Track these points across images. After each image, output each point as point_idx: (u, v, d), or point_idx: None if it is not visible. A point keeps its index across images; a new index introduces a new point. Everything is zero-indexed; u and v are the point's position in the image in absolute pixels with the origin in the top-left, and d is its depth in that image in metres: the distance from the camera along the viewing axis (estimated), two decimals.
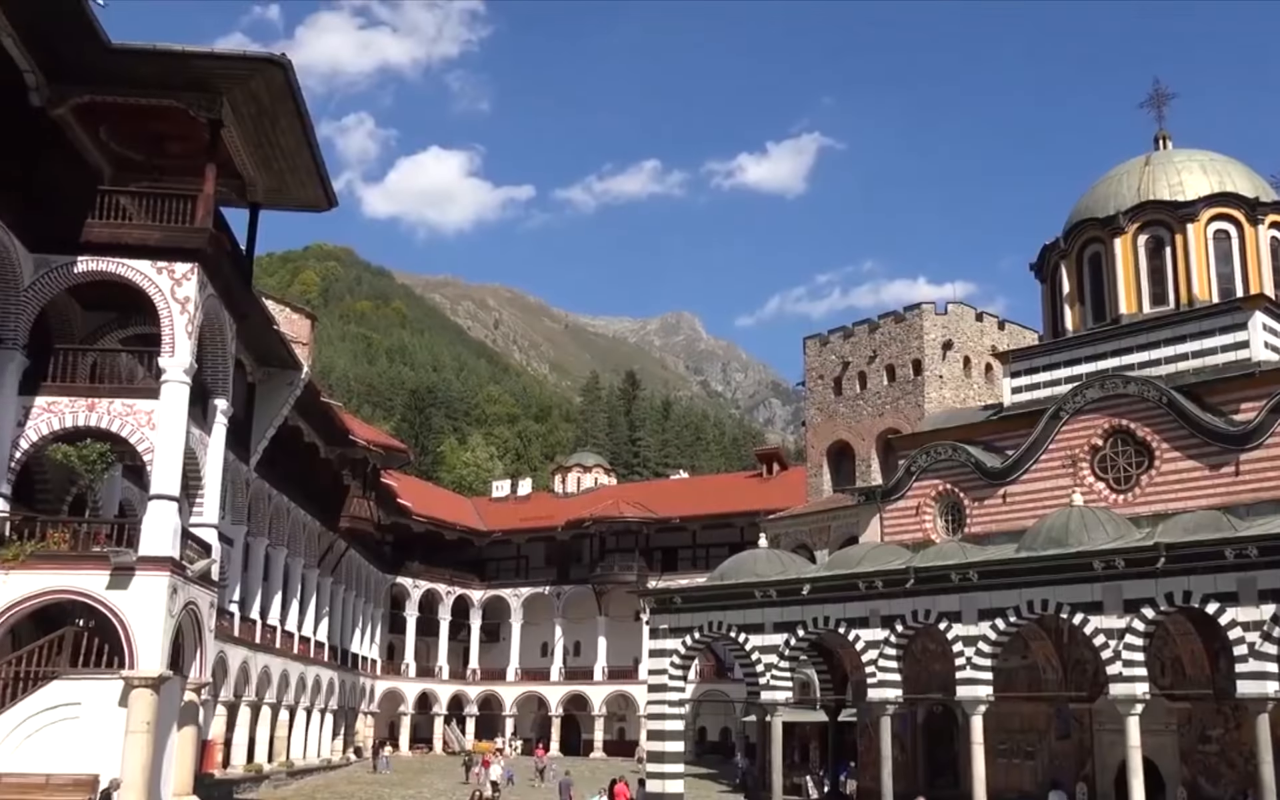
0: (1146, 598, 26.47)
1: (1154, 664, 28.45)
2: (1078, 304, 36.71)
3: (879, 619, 31.04)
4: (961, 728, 31.91)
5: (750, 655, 33.64)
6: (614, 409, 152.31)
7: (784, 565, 35.79)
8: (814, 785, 43.79)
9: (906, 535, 36.20)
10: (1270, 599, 24.62)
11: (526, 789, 46.69)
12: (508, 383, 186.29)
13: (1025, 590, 28.57)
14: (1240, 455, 29.90)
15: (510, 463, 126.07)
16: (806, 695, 43.18)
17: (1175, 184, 35.21)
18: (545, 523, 76.10)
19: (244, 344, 33.28)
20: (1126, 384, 32.41)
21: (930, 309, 55.75)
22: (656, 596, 37.81)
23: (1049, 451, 33.79)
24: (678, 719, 35.55)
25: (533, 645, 74.81)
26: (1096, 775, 31.46)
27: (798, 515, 56.34)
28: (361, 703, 62.76)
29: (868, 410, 56.49)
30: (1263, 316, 31.92)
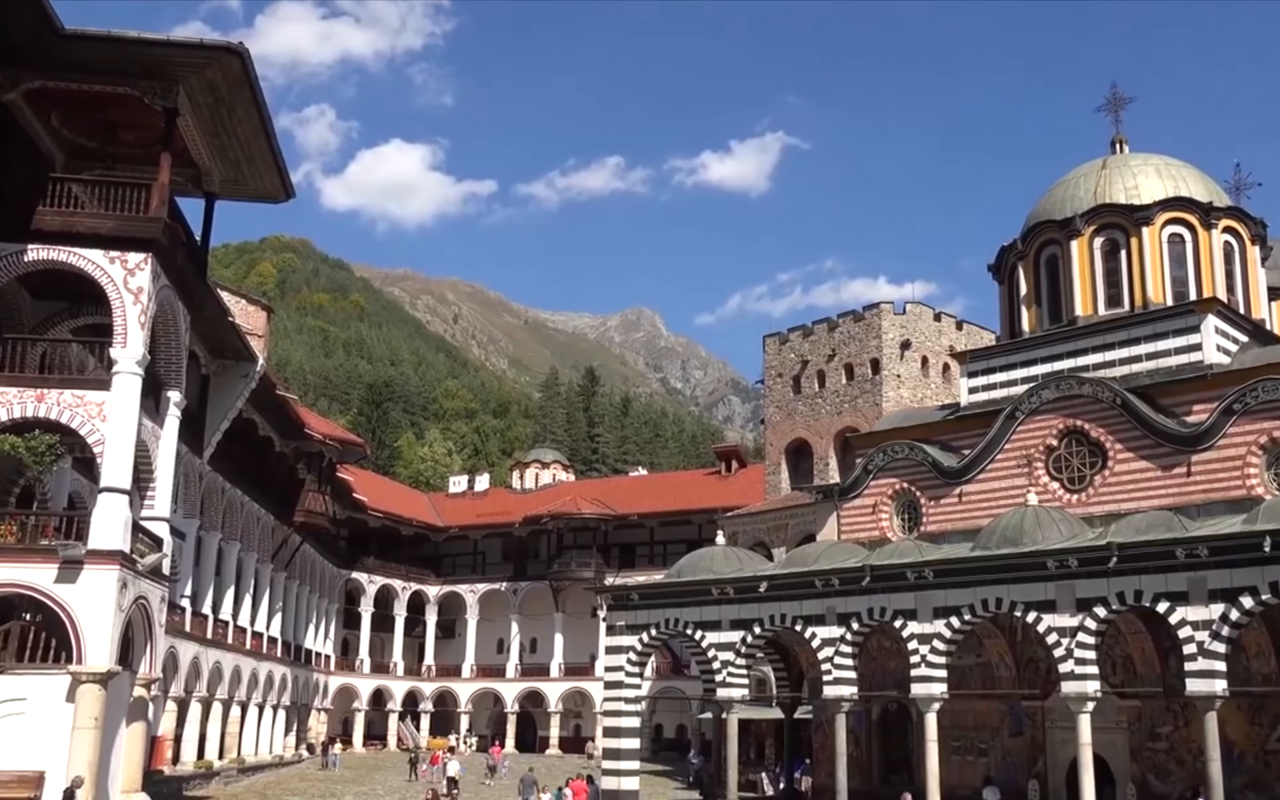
0: (1099, 597, 26.75)
1: (1105, 662, 28.78)
2: (1035, 305, 37.04)
3: (835, 616, 31.16)
4: (916, 725, 32.12)
5: (706, 652, 33.65)
6: (573, 405, 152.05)
7: (741, 563, 35.83)
8: (769, 782, 43.98)
9: (863, 533, 36.39)
10: (1220, 598, 24.96)
11: (478, 787, 46.45)
12: (466, 378, 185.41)
13: (980, 589, 28.79)
14: (1192, 456, 30.31)
15: (468, 458, 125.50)
16: (762, 692, 43.28)
17: (1131, 188, 35.62)
18: (503, 519, 75.82)
19: (198, 335, 32.83)
20: (1081, 385, 32.75)
21: (889, 309, 56.11)
22: (613, 593, 37.72)
23: (1005, 451, 34.08)
24: (634, 716, 35.48)
25: (489, 642, 74.52)
26: (1048, 772, 31.78)
27: (756, 513, 56.52)
28: (315, 699, 62.20)
29: (826, 409, 56.76)
30: (1215, 320, 32.35)
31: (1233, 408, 29.61)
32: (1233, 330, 33.04)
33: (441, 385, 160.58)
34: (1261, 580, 24.48)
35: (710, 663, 33.50)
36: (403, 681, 72.09)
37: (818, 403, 57.33)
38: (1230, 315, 33.37)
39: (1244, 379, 29.93)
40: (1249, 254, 35.89)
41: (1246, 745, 28.39)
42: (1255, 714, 28.41)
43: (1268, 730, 28.29)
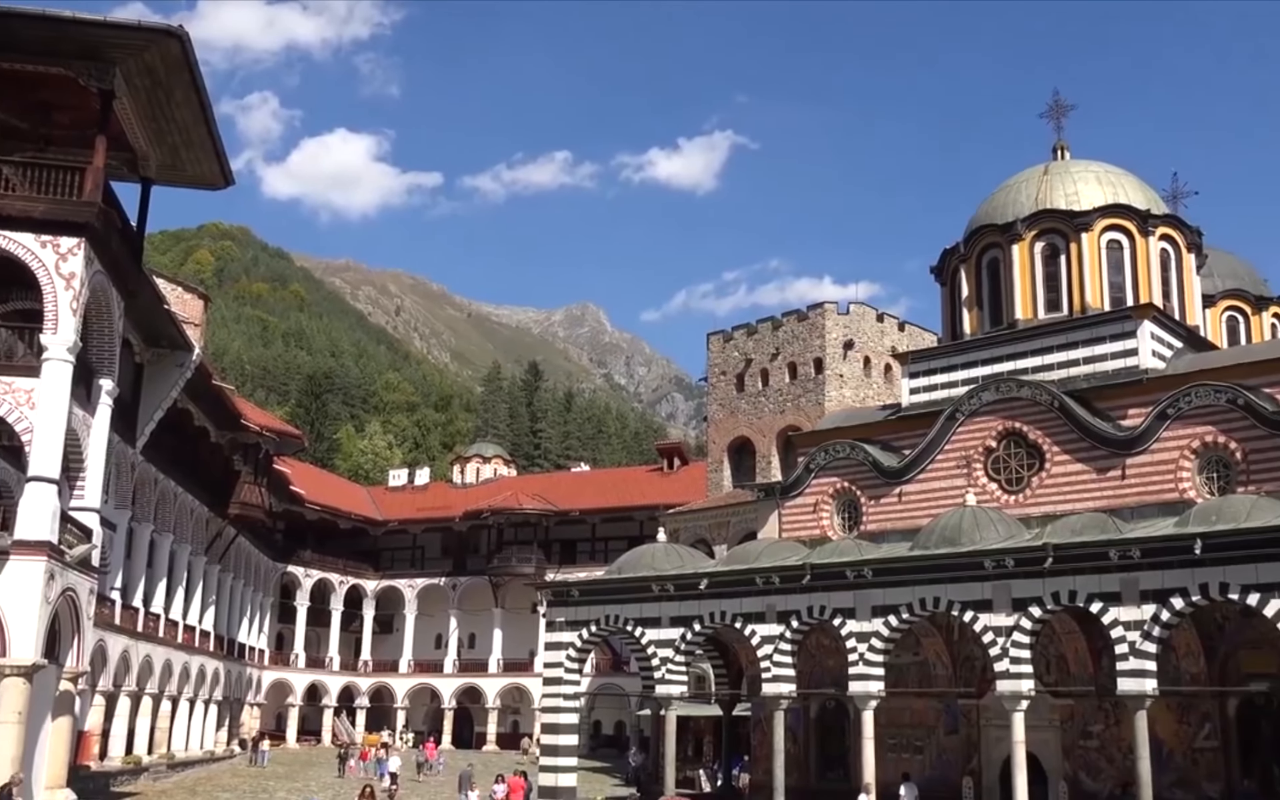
0: (1034, 596, 27.12)
1: (1040, 661, 29.19)
2: (976, 308, 37.44)
3: (775, 614, 31.30)
4: (853, 722, 32.33)
5: (646, 649, 33.67)
6: (515, 399, 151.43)
7: (682, 560, 35.86)
8: (707, 779, 44.09)
9: (804, 532, 36.56)
10: (1151, 599, 25.42)
11: (411, 784, 45.97)
12: (408, 370, 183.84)
13: (918, 588, 29.07)
14: (1126, 459, 30.80)
15: (408, 451, 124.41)
16: (702, 689, 43.40)
17: (1072, 194, 36.11)
18: (443, 513, 75.33)
19: (132, 323, 32.16)
20: (1020, 388, 33.15)
21: (833, 308, 56.47)
22: (554, 589, 37.60)
23: (944, 452, 34.41)
24: (572, 712, 35.45)
25: (427, 637, 73.96)
26: (982, 769, 32.15)
27: (697, 510, 56.63)
28: (248, 694, 61.25)
29: (769, 407, 57.00)
30: (1151, 326, 32.89)
31: (1166, 412, 30.13)
32: (1168, 336, 33.61)
33: (382, 378, 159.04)
34: (1192, 582, 24.96)
35: (650, 659, 33.53)
36: (339, 676, 71.28)
37: (761, 401, 57.56)
38: (1166, 321, 33.95)
39: (1178, 384, 30.46)
40: (1185, 261, 36.56)
41: (1175, 744, 28.94)
42: (1184, 713, 28.98)
43: (1195, 729, 28.86)
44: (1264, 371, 29.80)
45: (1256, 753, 28.31)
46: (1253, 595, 24.21)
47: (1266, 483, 28.08)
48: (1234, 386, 29.18)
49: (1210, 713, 28.75)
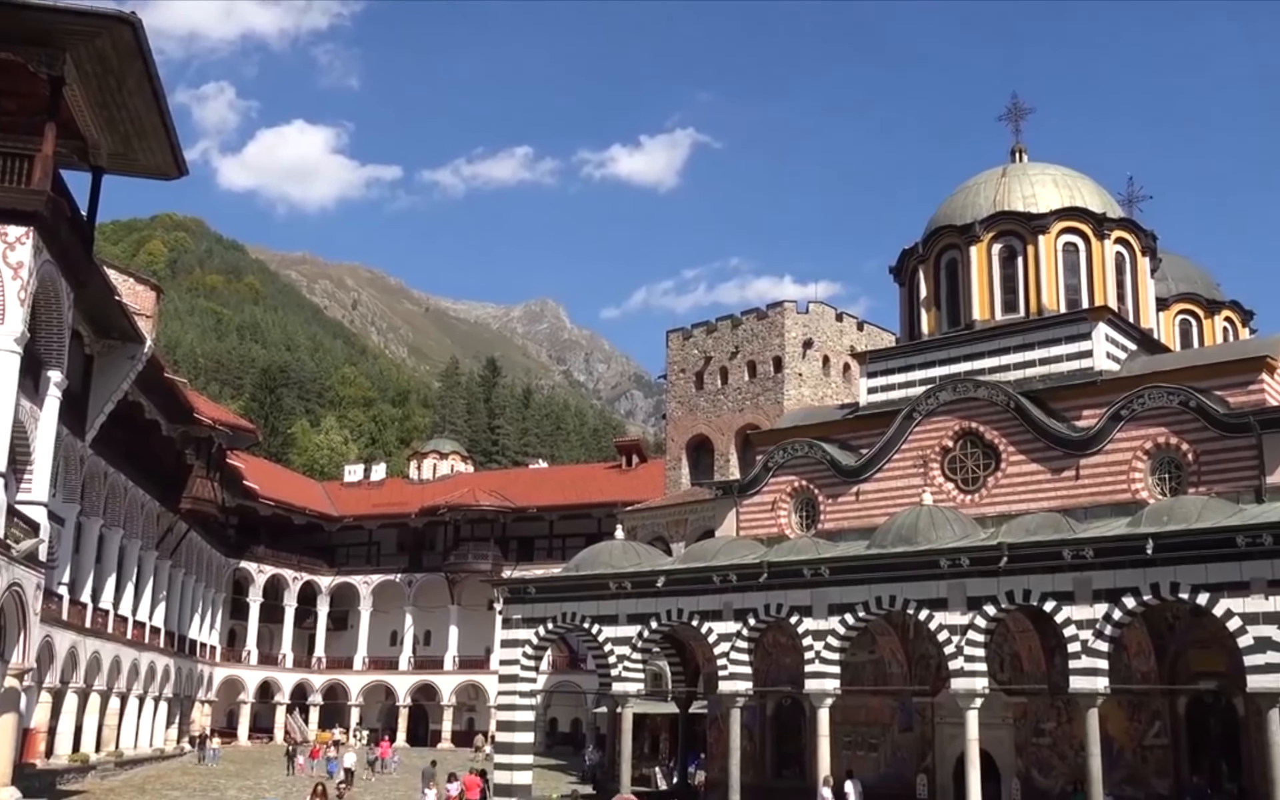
0: (989, 595, 27.33)
1: (994, 659, 29.41)
2: (934, 308, 37.63)
3: (732, 612, 31.32)
4: (809, 720, 32.42)
5: (603, 646, 33.57)
6: (473, 395, 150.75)
7: (639, 557, 35.79)
8: (663, 776, 44.10)
9: (762, 530, 36.60)
10: (1104, 598, 25.68)
11: (362, 783, 45.49)
12: (364, 365, 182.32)
13: (874, 586, 29.19)
14: (1080, 460, 31.07)
15: (364, 447, 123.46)
16: (658, 687, 43.38)
17: (1029, 196, 36.38)
18: (399, 509, 74.78)
19: (82, 314, 31.57)
20: (977, 388, 33.36)
21: (792, 307, 56.63)
22: (510, 586, 37.41)
23: (901, 451, 34.56)
24: (528, 710, 35.29)
25: (382, 634, 73.41)
26: (936, 767, 32.34)
27: (655, 507, 56.60)
28: (199, 691, 60.43)
29: (728, 405, 57.07)
30: (1105, 328, 33.19)
31: (1120, 414, 30.43)
32: (1122, 338, 33.96)
33: (338, 372, 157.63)
34: (1143, 581, 25.25)
35: (607, 657, 33.43)
36: (291, 673, 70.54)
37: (720, 399, 57.61)
38: (1120, 324, 34.30)
39: (1131, 386, 30.77)
40: (1139, 265, 36.95)
41: (1125, 741, 29.27)
42: (1134, 711, 29.32)
43: (1145, 727, 29.21)
44: (1215, 374, 30.16)
45: (1205, 750, 28.69)
46: (1202, 595, 24.53)
47: (1217, 484, 28.45)
48: (1186, 389, 29.52)
49: (1160, 711, 29.11)
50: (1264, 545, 23.92)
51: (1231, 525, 25.00)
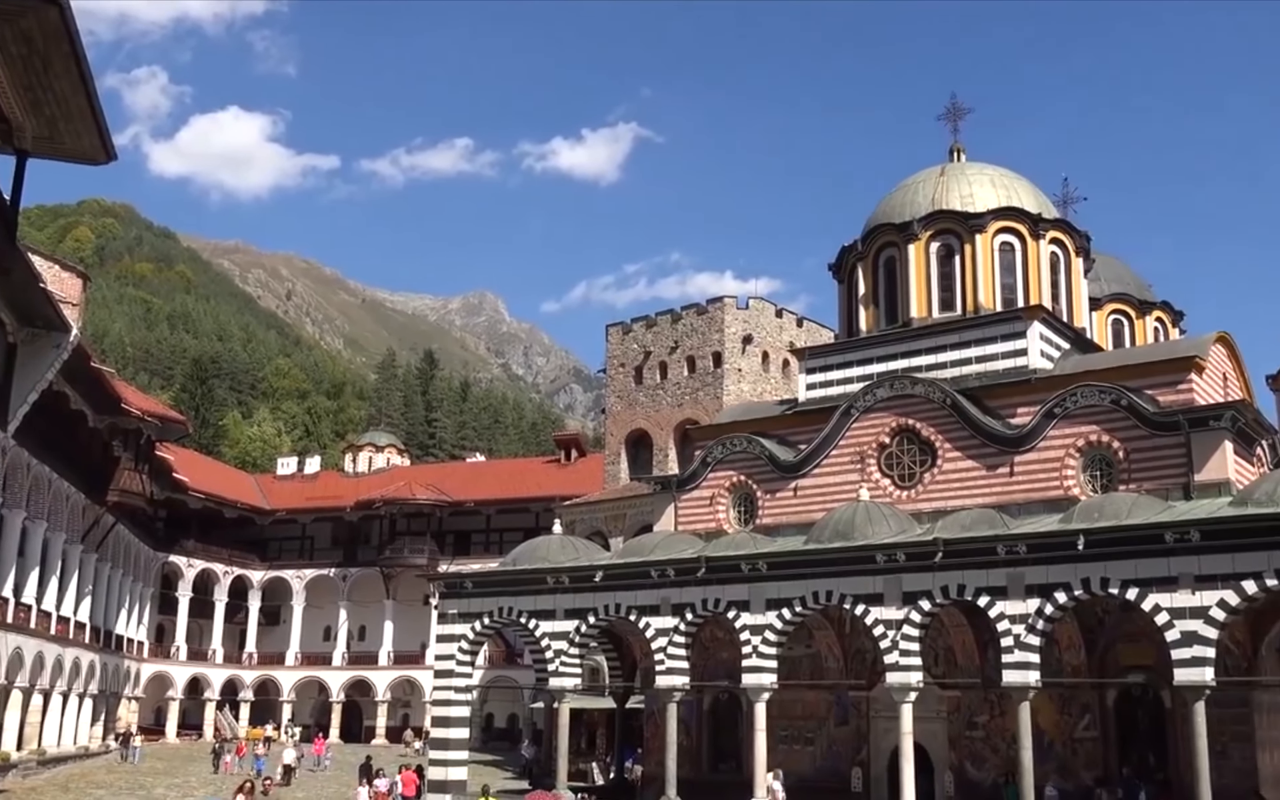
0: (924, 590, 27.52)
1: (928, 654, 29.64)
2: (872, 306, 37.85)
3: (670, 607, 31.25)
4: (746, 714, 32.48)
5: (540, 641, 33.34)
6: (410, 388, 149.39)
7: (577, 552, 35.60)
8: (600, 771, 43.98)
9: (700, 525, 36.57)
10: (1036, 593, 25.98)
11: (293, 781, 44.77)
12: (299, 356, 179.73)
13: (811, 581, 29.26)
14: (1015, 457, 31.43)
15: (298, 439, 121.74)
16: (595, 682, 43.23)
17: (967, 196, 36.73)
18: (333, 502, 73.88)
19: (5, 301, 30.60)
20: (914, 385, 33.60)
21: (732, 303, 56.72)
22: (446, 581, 37.02)
23: (839, 447, 34.72)
24: (464, 705, 34.99)
25: (315, 629, 72.50)
26: (871, 760, 32.55)
27: (594, 502, 56.41)
28: (125, 687, 59.10)
29: (667, 400, 57.02)
30: (1040, 326, 33.62)
31: (1053, 411, 30.84)
32: (1056, 337, 34.42)
33: (272, 363, 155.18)
34: (1075, 577, 25.59)
35: (544, 652, 33.21)
36: (222, 669, 69.35)
37: (659, 394, 57.55)
38: (1054, 323, 34.76)
39: (1065, 384, 31.19)
40: (1073, 265, 37.49)
41: (1056, 734, 29.69)
42: (1065, 704, 29.75)
43: (1076, 719, 29.65)
44: (1146, 373, 30.69)
45: (1132, 741, 29.20)
46: (1132, 590, 24.91)
47: (1147, 481, 28.95)
48: (1117, 387, 29.99)
49: (1090, 704, 29.55)
50: (1191, 542, 24.35)
51: (1160, 522, 25.43)
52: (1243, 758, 26.91)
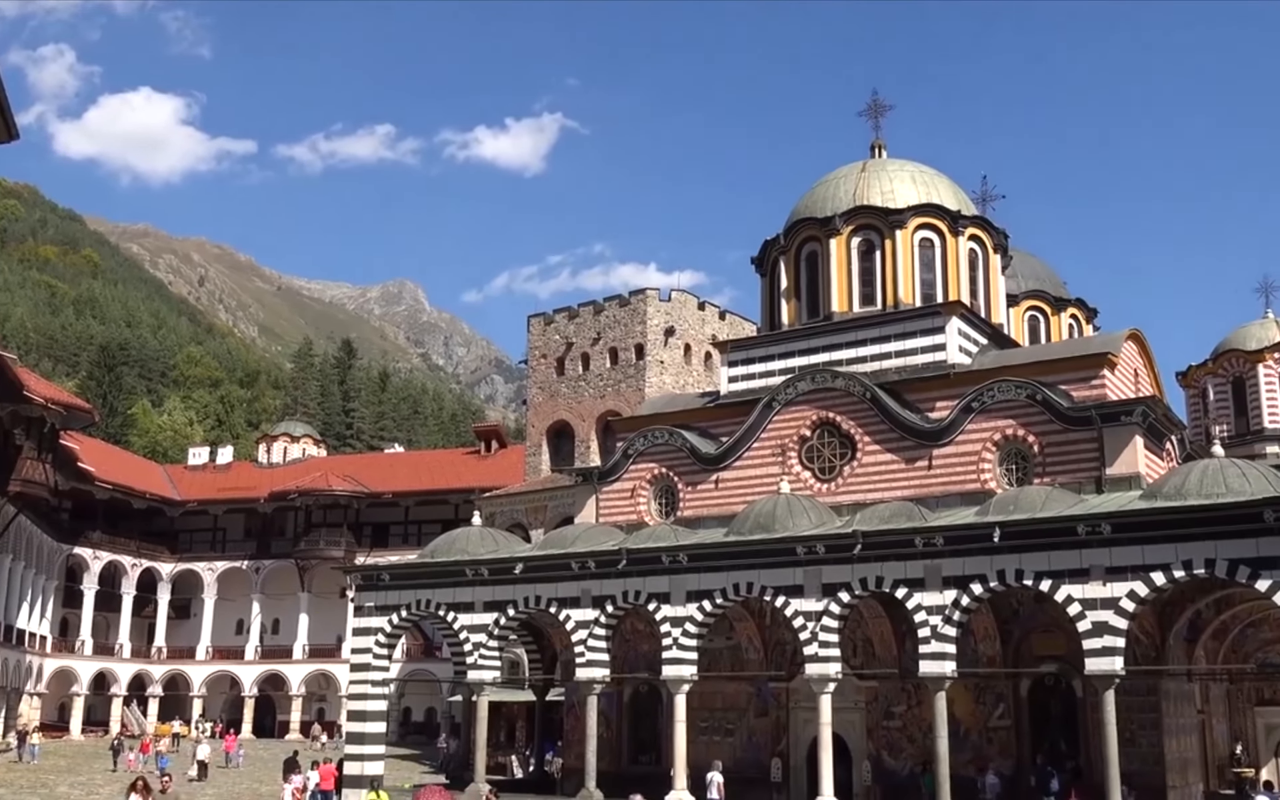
0: (843, 582, 27.70)
1: (847, 645, 29.85)
2: (794, 299, 38.01)
3: (590, 599, 31.08)
4: (666, 706, 32.45)
5: (459, 634, 32.99)
6: (327, 377, 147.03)
7: (497, 544, 35.26)
8: (519, 764, 43.67)
9: (621, 517, 36.43)
10: (953, 585, 26.29)
11: (183, 782, 43.45)
12: (211, 344, 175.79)
13: (732, 573, 29.31)
14: (933, 450, 31.79)
15: (210, 429, 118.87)
16: (515, 675, 42.91)
17: (888, 191, 37.04)
18: (246, 493, 72.47)
19: None
20: (834, 378, 33.81)
21: (654, 295, 56.67)
22: (363, 573, 36.41)
23: (761, 440, 34.82)
24: (380, 699, 34.46)
25: (227, 622, 71.02)
26: (790, 750, 32.72)
27: (514, 494, 56.01)
28: (27, 683, 57.19)
29: (589, 391, 56.79)
30: (959, 322, 34.05)
31: (971, 406, 31.26)
32: (974, 333, 34.89)
33: (183, 351, 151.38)
34: (990, 568, 25.95)
35: (462, 645, 32.88)
36: (129, 664, 67.59)
37: (581, 385, 57.30)
38: (972, 318, 35.23)
39: (982, 379, 31.63)
40: (991, 262, 38.04)
41: (971, 723, 30.11)
42: (980, 694, 30.19)
43: (990, 709, 30.10)
44: (1061, 369, 31.25)
45: (1045, 730, 29.73)
46: (1045, 581, 25.33)
47: (1061, 475, 29.49)
48: (1033, 382, 30.49)
49: (1004, 693, 30.02)
50: (1102, 534, 24.83)
51: (1073, 515, 25.87)
52: (1150, 744, 27.61)
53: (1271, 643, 33.11)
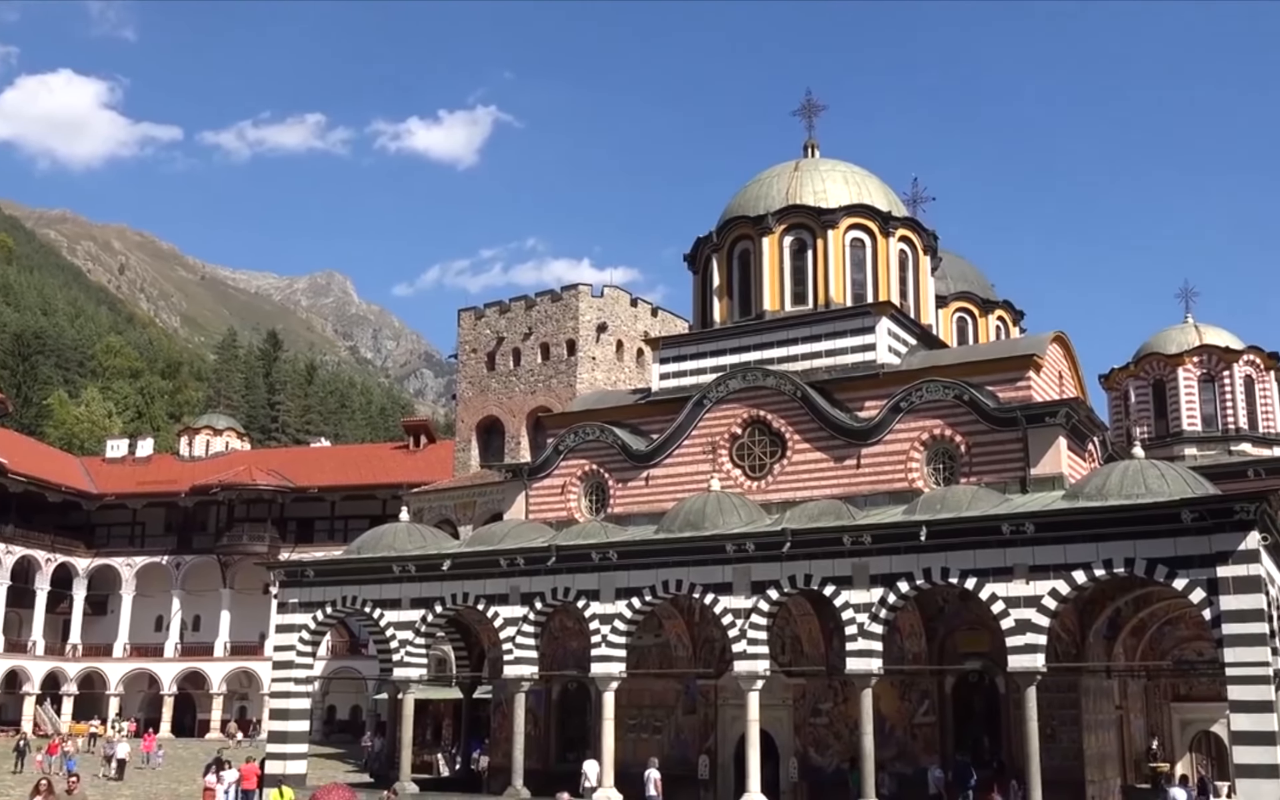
0: (772, 580, 27.83)
1: (775, 642, 29.97)
2: (726, 297, 38.07)
3: (519, 596, 30.89)
4: (594, 703, 32.32)
5: (385, 631, 32.62)
6: (252, 369, 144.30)
7: (425, 540, 34.88)
8: (445, 763, 43.29)
9: (551, 513, 36.21)
10: (880, 583, 26.55)
11: (98, 782, 42.30)
12: (132, 334, 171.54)
13: (662, 570, 29.30)
14: (862, 449, 32.04)
15: (130, 421, 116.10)
16: (442, 672, 42.49)
17: (820, 191, 37.25)
18: (167, 487, 70.89)
19: None
20: (765, 377, 33.93)
21: (587, 290, 56.47)
22: (287, 569, 35.81)
23: (691, 437, 34.82)
24: (304, 697, 33.95)
25: (146, 619, 69.45)
26: (718, 748, 32.77)
27: (443, 489, 55.50)
28: None
29: (520, 387, 56.44)
30: (888, 322, 34.36)
31: (900, 406, 31.55)
32: (904, 333, 35.24)
33: (102, 340, 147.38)
34: (917, 566, 26.26)
35: (388, 642, 32.54)
36: (42, 661, 65.76)
37: (512, 381, 56.92)
38: (902, 319, 35.57)
39: (911, 379, 31.95)
40: (921, 263, 38.45)
41: (897, 720, 30.42)
42: (905, 691, 30.52)
43: (916, 706, 30.45)
44: (988, 370, 31.70)
45: (969, 726, 30.14)
46: (970, 579, 25.70)
47: (986, 474, 29.90)
48: (961, 383, 30.87)
49: (929, 690, 30.40)
50: (1026, 533, 25.24)
51: (998, 514, 26.28)
52: (1070, 740, 28.15)
53: (1188, 640, 34.01)
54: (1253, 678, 22.82)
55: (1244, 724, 22.89)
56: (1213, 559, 23.45)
